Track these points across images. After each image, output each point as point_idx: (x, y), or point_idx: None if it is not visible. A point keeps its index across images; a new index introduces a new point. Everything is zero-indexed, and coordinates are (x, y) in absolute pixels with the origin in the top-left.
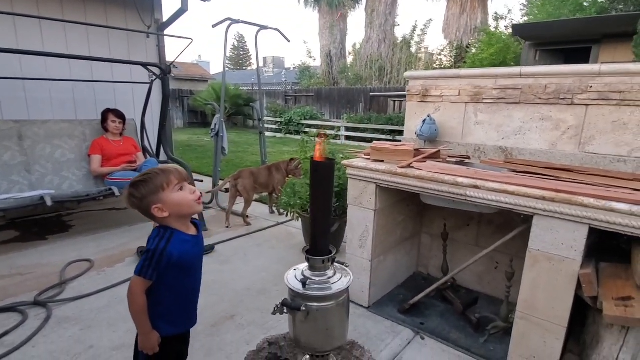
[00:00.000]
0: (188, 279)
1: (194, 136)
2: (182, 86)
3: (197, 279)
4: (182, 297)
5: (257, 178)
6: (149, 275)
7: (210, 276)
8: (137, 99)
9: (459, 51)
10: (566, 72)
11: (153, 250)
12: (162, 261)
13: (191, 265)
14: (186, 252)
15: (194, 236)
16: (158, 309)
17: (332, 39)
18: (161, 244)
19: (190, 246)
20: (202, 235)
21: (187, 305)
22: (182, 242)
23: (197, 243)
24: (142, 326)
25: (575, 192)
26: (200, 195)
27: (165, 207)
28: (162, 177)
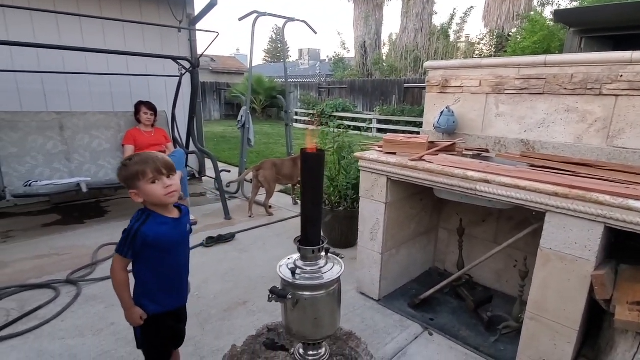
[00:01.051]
0: (168, 260)
1: (229, 128)
2: (220, 79)
3: (180, 260)
4: (164, 277)
5: (281, 169)
6: (124, 252)
7: (228, 263)
8: (169, 91)
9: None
10: (595, 61)
11: (128, 230)
12: (136, 241)
13: (170, 246)
14: (163, 233)
15: (174, 219)
16: (142, 288)
17: (367, 29)
18: (136, 224)
19: (168, 228)
20: (186, 219)
21: (170, 284)
22: (159, 224)
23: (177, 226)
24: (123, 301)
25: (590, 189)
26: (173, 190)
27: (140, 194)
28: (138, 167)
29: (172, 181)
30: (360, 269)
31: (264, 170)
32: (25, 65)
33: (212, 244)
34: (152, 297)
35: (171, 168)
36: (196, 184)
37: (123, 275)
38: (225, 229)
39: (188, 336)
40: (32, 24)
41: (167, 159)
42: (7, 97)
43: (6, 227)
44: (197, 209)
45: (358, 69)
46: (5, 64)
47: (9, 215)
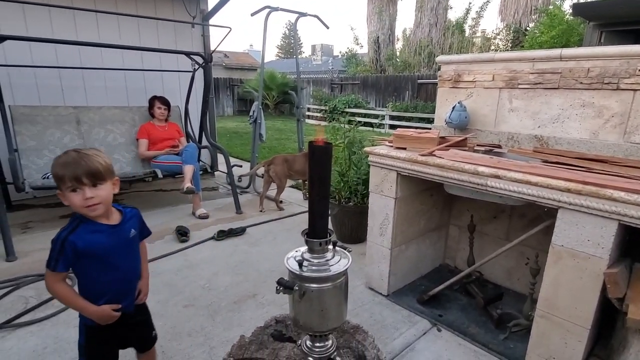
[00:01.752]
0: (109, 269)
1: (242, 123)
2: (233, 75)
3: (123, 266)
4: (106, 286)
5: (292, 165)
6: (51, 266)
7: (239, 257)
8: (182, 86)
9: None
10: (612, 54)
11: (54, 240)
12: (65, 251)
13: (105, 255)
14: (96, 242)
15: (111, 226)
16: (85, 296)
17: (381, 24)
18: (63, 233)
19: (103, 236)
20: (129, 225)
21: (113, 293)
22: (91, 233)
23: (114, 233)
24: (81, 310)
25: (604, 185)
26: (95, 203)
27: (64, 199)
28: (57, 170)
29: (94, 192)
30: (369, 264)
31: (275, 166)
32: (43, 60)
33: (223, 237)
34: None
35: (97, 176)
36: (208, 178)
37: (60, 288)
38: (236, 222)
39: (199, 326)
40: (50, 21)
41: (94, 165)
42: (26, 92)
43: (25, 218)
44: (209, 203)
45: (371, 65)
46: (25, 59)
47: (28, 206)
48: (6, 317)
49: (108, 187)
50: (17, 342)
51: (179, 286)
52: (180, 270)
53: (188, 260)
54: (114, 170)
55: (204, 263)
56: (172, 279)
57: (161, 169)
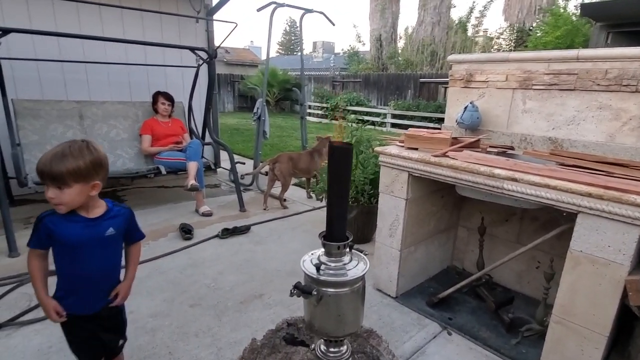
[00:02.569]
0: (78, 262)
1: (243, 120)
2: (233, 71)
3: (93, 265)
4: (73, 278)
5: (297, 163)
6: (31, 243)
7: (244, 255)
8: (186, 82)
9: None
10: (632, 55)
11: (37, 218)
12: (39, 230)
13: (77, 246)
14: (69, 232)
15: (88, 219)
16: (59, 283)
17: (383, 22)
18: (43, 213)
19: (78, 227)
20: (109, 223)
21: (79, 288)
22: (68, 221)
23: (90, 226)
24: (35, 292)
25: (627, 190)
26: (55, 204)
27: None
28: (39, 165)
29: (56, 194)
30: (377, 266)
31: (280, 164)
32: (46, 54)
33: (228, 235)
34: (65, 298)
35: (59, 181)
36: (211, 175)
37: (32, 265)
38: (240, 221)
39: (205, 327)
40: (53, 14)
41: (58, 170)
42: (29, 86)
43: (28, 213)
44: (212, 200)
45: (373, 63)
46: (28, 52)
47: (30, 201)
48: (10, 315)
49: (74, 191)
50: (22, 340)
51: (184, 285)
52: (185, 269)
53: (192, 258)
54: (95, 172)
55: (208, 261)
56: (177, 278)
57: (165, 165)
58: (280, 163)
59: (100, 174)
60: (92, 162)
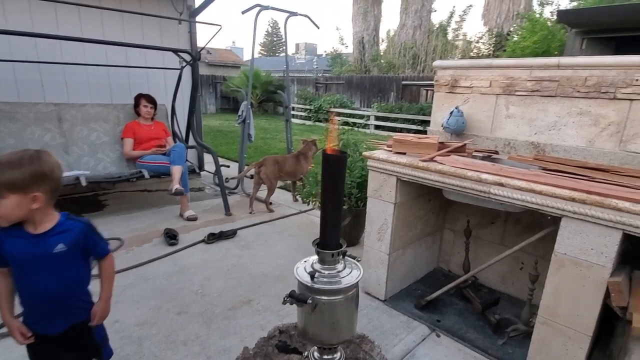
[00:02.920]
0: (24, 280)
1: (225, 122)
2: (216, 72)
3: (39, 285)
4: (23, 296)
5: (283, 166)
6: None
7: (230, 260)
8: (168, 84)
9: (499, 39)
10: (610, 64)
11: None
12: None
13: (23, 263)
14: (14, 248)
15: (33, 235)
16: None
17: (366, 25)
18: None
19: (21, 244)
20: (52, 239)
21: (38, 308)
22: (13, 237)
23: (35, 243)
24: None
25: (608, 194)
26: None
27: None
28: None
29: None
30: (366, 269)
31: (265, 167)
32: (23, 55)
33: (214, 240)
34: (27, 313)
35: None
36: (194, 178)
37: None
38: (226, 225)
39: (194, 335)
40: (30, 14)
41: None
42: (4, 87)
43: None
44: (196, 204)
45: (356, 65)
46: (4, 53)
47: None
48: None
49: (11, 203)
50: (4, 353)
51: (171, 292)
52: (171, 275)
53: (178, 264)
54: (34, 183)
55: (195, 267)
56: (163, 285)
57: (148, 169)
58: (266, 166)
59: (43, 186)
60: (32, 173)
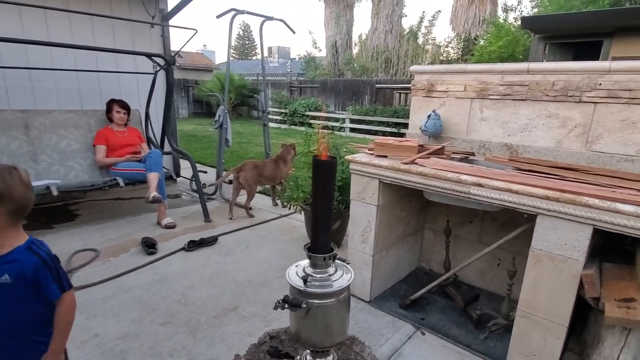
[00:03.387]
0: None
1: (199, 126)
2: (187, 76)
3: None
4: None
5: (262, 171)
6: None
7: (213, 267)
8: (141, 89)
9: (467, 43)
10: (575, 69)
11: None
12: None
13: None
14: None
15: None
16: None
17: (338, 29)
18: None
19: None
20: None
21: None
22: None
23: None
24: None
25: (580, 192)
26: None
27: None
28: None
29: None
30: None
31: (245, 172)
32: None
33: (194, 247)
34: None
35: None
36: (170, 185)
37: None
38: (206, 232)
39: (179, 345)
40: None
41: None
42: None
43: None
44: (174, 211)
45: (330, 69)
46: None
47: None
48: None
49: None
50: None
51: (153, 302)
52: (152, 285)
53: (159, 273)
54: None
55: (176, 276)
56: (144, 295)
57: (122, 176)
58: (245, 171)
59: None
60: None
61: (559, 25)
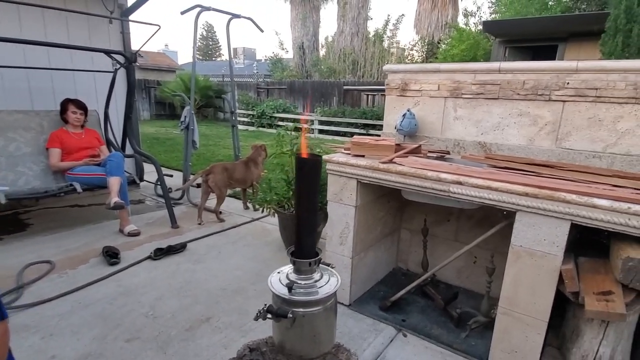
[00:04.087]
0: None
1: (162, 128)
2: (148, 76)
3: None
4: None
5: (232, 174)
6: None
7: (183, 276)
8: (99, 88)
9: (431, 46)
10: (544, 69)
11: None
12: None
13: None
14: None
15: None
16: None
17: (305, 30)
18: None
19: None
20: None
21: None
22: None
23: None
24: None
25: (557, 189)
26: None
27: None
28: None
29: None
30: None
31: (214, 175)
32: None
33: (161, 256)
34: None
35: None
36: (133, 190)
37: None
38: (173, 238)
39: None
40: None
41: None
42: None
43: None
44: (137, 218)
45: (297, 70)
46: None
47: None
48: None
49: None
50: None
51: (117, 317)
52: (115, 299)
53: (123, 285)
54: None
55: (142, 287)
56: (107, 310)
57: (80, 182)
58: (214, 174)
59: None
60: None
61: (517, 29)
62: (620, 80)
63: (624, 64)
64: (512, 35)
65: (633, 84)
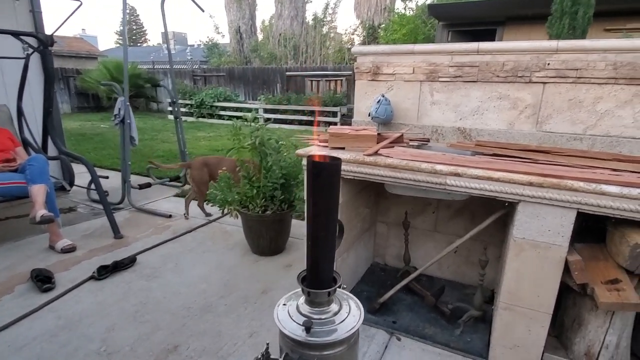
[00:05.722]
0: None
1: (87, 123)
2: (66, 64)
3: None
4: None
5: (215, 169)
6: None
7: (137, 297)
8: (8, 78)
9: (372, 31)
10: (524, 49)
11: None
12: None
13: None
14: None
15: None
16: None
17: (241, 13)
18: None
19: None
20: None
21: None
22: None
23: None
24: None
25: (563, 176)
26: None
27: None
28: None
29: None
30: None
31: (191, 170)
32: None
33: (107, 274)
34: None
35: None
36: (61, 196)
37: None
38: (119, 251)
39: None
40: None
41: None
42: None
43: None
44: (71, 229)
45: (235, 56)
46: None
47: None
48: None
49: None
50: None
51: (60, 359)
52: (56, 335)
53: (63, 316)
54: None
55: (88, 317)
56: (46, 351)
57: None
58: (193, 169)
59: None
60: None
61: (460, 12)
62: (600, 60)
63: (604, 43)
64: (454, 19)
65: (612, 63)
